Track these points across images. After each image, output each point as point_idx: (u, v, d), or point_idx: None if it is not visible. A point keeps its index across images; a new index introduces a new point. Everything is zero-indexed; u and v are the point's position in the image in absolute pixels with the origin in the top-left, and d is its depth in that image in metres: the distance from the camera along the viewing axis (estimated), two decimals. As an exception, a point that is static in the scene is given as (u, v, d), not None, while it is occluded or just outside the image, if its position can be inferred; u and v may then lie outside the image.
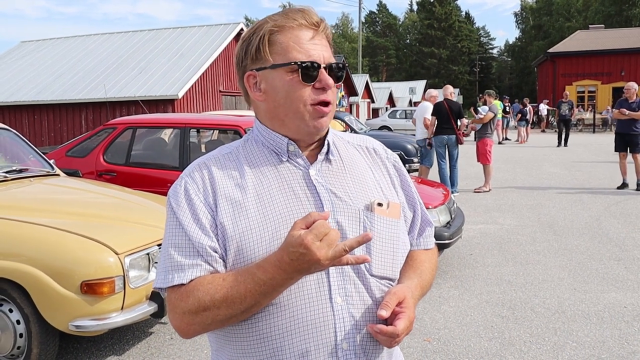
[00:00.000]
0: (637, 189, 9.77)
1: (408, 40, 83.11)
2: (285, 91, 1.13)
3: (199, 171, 1.19)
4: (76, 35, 22.26)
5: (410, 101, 50.87)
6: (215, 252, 1.11)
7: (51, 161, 4.86)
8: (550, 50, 36.78)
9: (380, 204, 1.18)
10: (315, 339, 1.09)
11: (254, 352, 1.12)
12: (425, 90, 54.15)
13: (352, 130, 12.71)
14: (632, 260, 5.73)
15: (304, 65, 1.11)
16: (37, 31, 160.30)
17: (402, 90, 54.39)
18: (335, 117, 13.40)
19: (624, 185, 9.94)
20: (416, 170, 10.91)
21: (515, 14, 79.53)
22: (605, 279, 5.17)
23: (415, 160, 11.29)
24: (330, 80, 1.14)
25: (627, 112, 9.59)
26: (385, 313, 1.06)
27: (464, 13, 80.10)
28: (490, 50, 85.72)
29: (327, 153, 1.21)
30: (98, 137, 6.15)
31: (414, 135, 10.90)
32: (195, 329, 1.10)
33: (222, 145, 1.29)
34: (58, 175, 4.72)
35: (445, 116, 9.53)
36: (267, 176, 1.17)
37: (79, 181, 4.86)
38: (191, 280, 1.09)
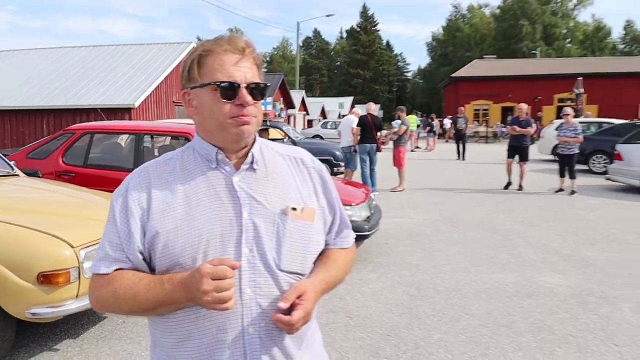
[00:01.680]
0: (518, 189, 10.32)
1: (338, 63, 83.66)
2: (210, 106, 1.12)
3: (138, 176, 1.18)
4: (40, 47, 21.01)
5: (339, 114, 51.25)
6: (140, 252, 1.12)
7: (12, 162, 4.56)
8: (454, 75, 38.12)
9: (294, 208, 1.16)
10: (225, 323, 1.08)
11: (172, 333, 1.12)
12: (352, 106, 55.02)
13: (289, 138, 12.67)
14: (514, 247, 6.03)
15: (222, 85, 1.10)
16: (1, 44, 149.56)
17: (333, 104, 54.82)
18: (274, 127, 13.35)
19: (508, 184, 10.45)
20: (342, 172, 11.02)
21: (427, 44, 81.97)
22: (493, 263, 5.41)
23: (342, 164, 11.39)
24: (249, 98, 1.11)
25: (518, 129, 10.13)
26: (283, 305, 1.06)
27: (385, 41, 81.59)
28: (406, 73, 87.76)
29: (252, 163, 1.19)
30: (57, 141, 5.81)
31: (340, 143, 11.00)
32: (105, 309, 1.17)
33: (167, 152, 1.27)
34: (17, 175, 4.43)
35: (369, 128, 9.70)
36: (197, 181, 1.15)
37: (38, 181, 4.57)
38: (115, 270, 1.12)
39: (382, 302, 4.27)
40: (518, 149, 10.26)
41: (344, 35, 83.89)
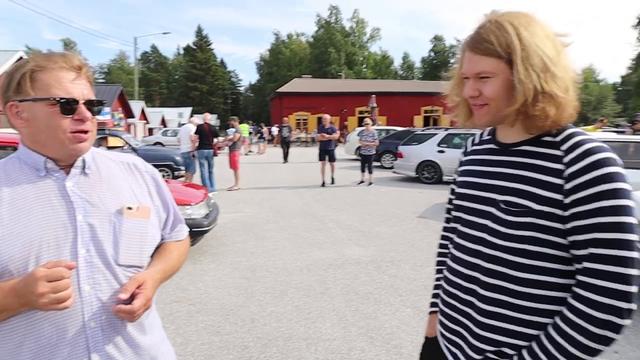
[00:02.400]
0: (331, 183, 11.11)
1: (177, 76, 79.36)
2: (46, 121, 1.02)
3: None
4: None
5: (179, 123, 48.82)
6: None
7: None
8: (279, 90, 39.27)
9: (130, 208, 1.11)
10: (64, 322, 0.99)
11: (8, 341, 0.98)
12: (191, 115, 52.80)
13: (129, 146, 11.62)
14: (328, 230, 6.50)
15: (62, 100, 1.01)
16: None
17: (173, 114, 51.88)
18: (114, 135, 12.11)
19: (323, 184, 11.18)
20: (183, 176, 10.54)
21: (256, 63, 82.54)
22: (312, 244, 5.76)
23: (182, 168, 10.89)
24: (88, 114, 1.05)
25: (326, 135, 10.84)
26: (123, 296, 1.01)
27: (219, 59, 79.94)
28: (239, 88, 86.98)
29: (84, 168, 1.10)
30: None
31: (179, 149, 10.51)
32: None
33: None
34: None
35: (206, 135, 9.46)
36: (25, 189, 1.02)
37: None
38: None
39: (221, 287, 4.23)
40: (327, 152, 10.96)
41: (181, 51, 79.90)
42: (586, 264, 0.96)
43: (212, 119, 10.16)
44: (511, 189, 1.06)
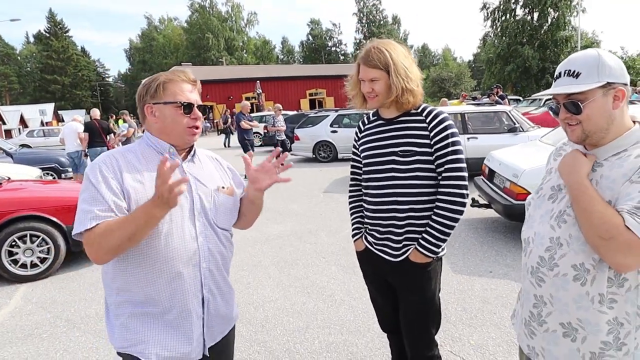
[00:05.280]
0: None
1: (29, 68, 69.74)
2: (173, 118, 1.42)
3: (109, 158, 1.38)
4: None
5: (42, 121, 43.50)
6: (125, 208, 1.31)
7: None
8: (157, 79, 37.01)
9: (223, 187, 1.53)
10: (187, 260, 1.38)
11: (153, 264, 1.34)
12: (55, 112, 47.41)
13: (3, 151, 10.41)
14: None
15: (184, 104, 1.42)
16: None
17: (33, 112, 45.87)
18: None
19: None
20: (71, 177, 9.88)
21: (125, 51, 76.02)
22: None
23: (70, 169, 10.15)
24: (199, 114, 1.47)
25: (250, 123, 10.16)
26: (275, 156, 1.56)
27: (80, 47, 72.01)
28: (107, 78, 79.71)
29: (193, 156, 1.52)
30: None
31: (63, 149, 9.77)
32: (101, 250, 1.26)
33: (124, 146, 1.49)
34: None
35: (97, 132, 9.04)
36: (156, 164, 1.37)
37: None
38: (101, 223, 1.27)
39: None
40: (249, 141, 10.34)
41: (32, 40, 70.25)
42: (444, 175, 1.76)
43: (98, 115, 9.62)
44: (403, 142, 1.79)
